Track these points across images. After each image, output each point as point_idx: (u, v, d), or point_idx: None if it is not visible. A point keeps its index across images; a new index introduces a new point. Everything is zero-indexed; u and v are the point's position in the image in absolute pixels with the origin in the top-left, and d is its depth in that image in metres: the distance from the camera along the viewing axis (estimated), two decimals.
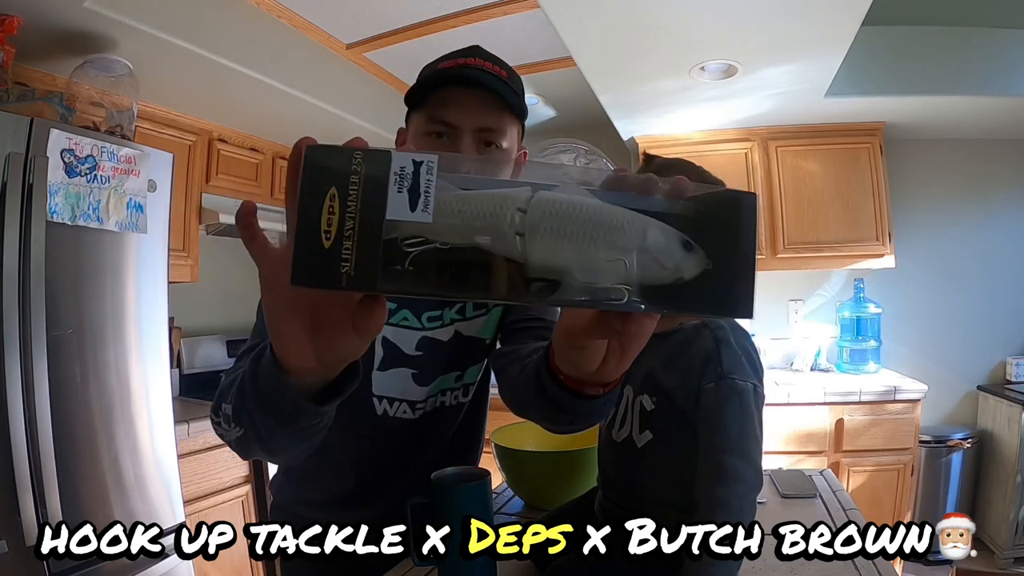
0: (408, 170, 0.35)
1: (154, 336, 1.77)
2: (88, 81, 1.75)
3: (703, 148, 2.87)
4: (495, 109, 0.78)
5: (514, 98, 0.79)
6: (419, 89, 0.79)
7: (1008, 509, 2.50)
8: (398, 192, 0.35)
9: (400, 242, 0.35)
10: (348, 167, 0.34)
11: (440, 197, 0.35)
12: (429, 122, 0.78)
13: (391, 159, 0.35)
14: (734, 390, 0.67)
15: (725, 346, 0.69)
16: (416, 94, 0.79)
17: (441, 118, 0.77)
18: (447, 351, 0.92)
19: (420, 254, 0.35)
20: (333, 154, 0.35)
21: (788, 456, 2.43)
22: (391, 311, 0.86)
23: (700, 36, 1.94)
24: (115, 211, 1.65)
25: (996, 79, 2.42)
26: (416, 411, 0.92)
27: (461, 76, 0.76)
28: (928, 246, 2.95)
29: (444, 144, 0.77)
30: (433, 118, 0.77)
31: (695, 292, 0.37)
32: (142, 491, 1.70)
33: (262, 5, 2.07)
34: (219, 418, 0.63)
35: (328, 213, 0.34)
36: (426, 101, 0.78)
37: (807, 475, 1.13)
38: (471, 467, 0.79)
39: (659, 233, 0.36)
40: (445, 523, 0.67)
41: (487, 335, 0.96)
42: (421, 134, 0.78)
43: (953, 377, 2.92)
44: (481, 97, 0.77)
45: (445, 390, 0.94)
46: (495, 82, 0.77)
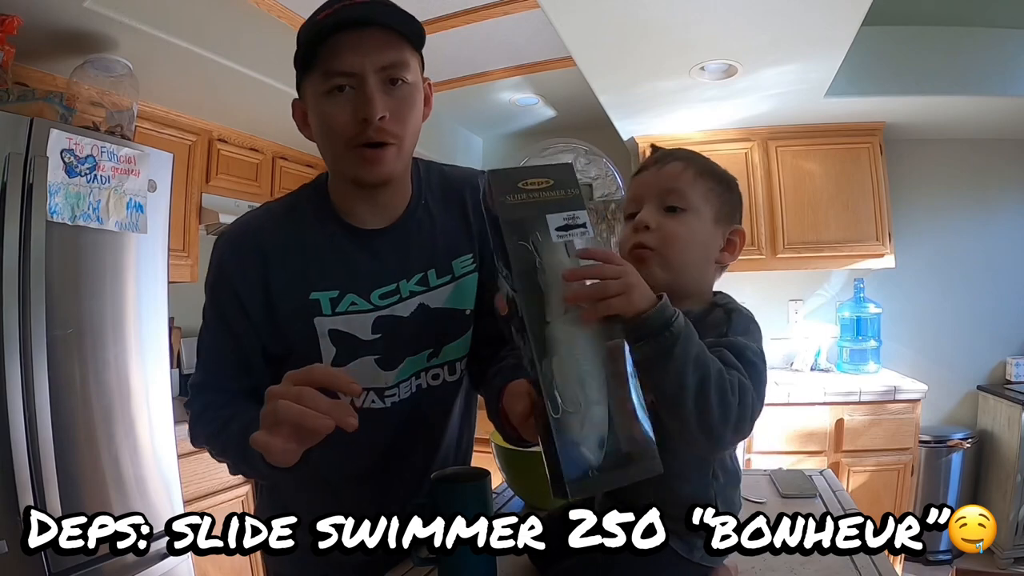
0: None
1: (154, 336, 1.77)
2: (88, 81, 1.75)
3: (703, 148, 2.83)
4: (393, 42, 0.72)
5: (409, 26, 0.73)
6: (308, 47, 0.72)
7: (1008, 509, 2.50)
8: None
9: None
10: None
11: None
12: (326, 78, 0.72)
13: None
14: (736, 344, 0.62)
15: (737, 314, 0.67)
16: (306, 55, 0.72)
17: (338, 69, 0.71)
18: (411, 328, 0.83)
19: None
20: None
21: (788, 456, 2.44)
22: (334, 299, 0.80)
23: (700, 36, 1.94)
24: (115, 211, 1.65)
25: (996, 79, 2.42)
26: (386, 399, 0.84)
27: (348, 19, 0.70)
28: (928, 246, 2.96)
29: (349, 97, 0.72)
30: (330, 72, 0.71)
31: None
32: (142, 491, 1.70)
33: (262, 5, 2.07)
34: (196, 440, 0.82)
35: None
36: (316, 58, 0.72)
37: (807, 475, 1.13)
38: (471, 467, 0.79)
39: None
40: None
41: (466, 305, 0.87)
42: (321, 95, 0.72)
43: (953, 377, 2.92)
44: (374, 35, 0.71)
45: (419, 371, 0.85)
46: (385, 13, 0.71)
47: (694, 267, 0.70)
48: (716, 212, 0.70)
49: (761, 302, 3.01)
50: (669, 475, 0.66)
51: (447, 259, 0.86)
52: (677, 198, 0.69)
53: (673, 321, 0.54)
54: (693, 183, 0.69)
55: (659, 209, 0.69)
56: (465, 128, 3.59)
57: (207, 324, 0.85)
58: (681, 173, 0.69)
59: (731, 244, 0.72)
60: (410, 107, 0.76)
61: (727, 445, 0.62)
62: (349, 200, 0.82)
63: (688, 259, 0.69)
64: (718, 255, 0.72)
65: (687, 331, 0.55)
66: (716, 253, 0.71)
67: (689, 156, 0.73)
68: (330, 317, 0.80)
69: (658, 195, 0.69)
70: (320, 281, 0.80)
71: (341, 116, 0.72)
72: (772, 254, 2.81)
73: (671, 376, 0.54)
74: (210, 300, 0.84)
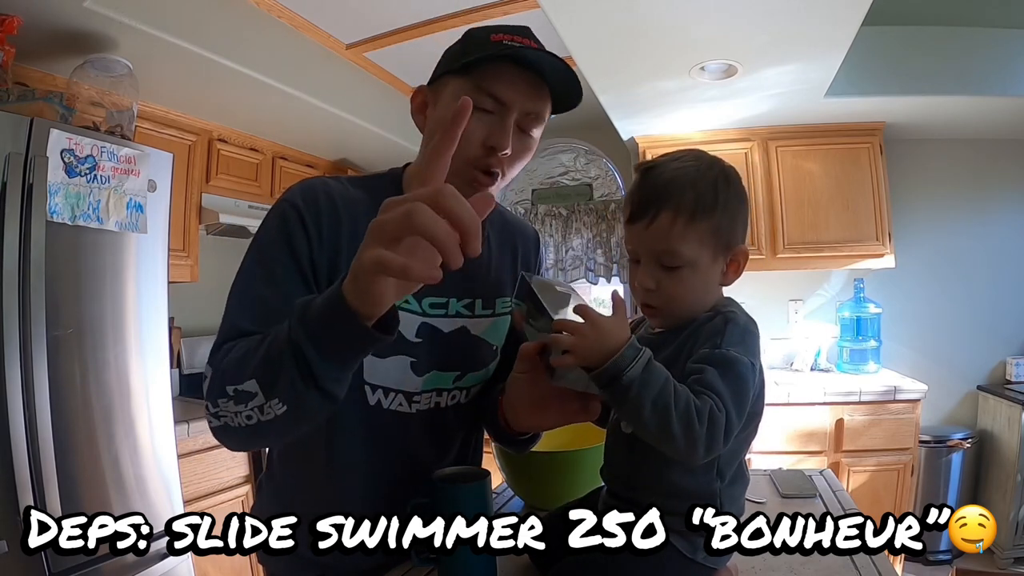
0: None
1: (154, 336, 1.77)
2: (88, 81, 1.75)
3: (703, 148, 2.87)
4: (545, 97, 0.78)
5: (565, 90, 0.78)
6: (478, 58, 0.75)
7: (1008, 509, 2.50)
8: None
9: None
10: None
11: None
12: (477, 93, 0.74)
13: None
14: (726, 357, 0.64)
15: (733, 324, 0.67)
16: (470, 62, 0.75)
17: (495, 93, 0.75)
18: (448, 344, 0.85)
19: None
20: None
21: (788, 456, 2.44)
22: None
23: (700, 36, 1.94)
24: (115, 211, 1.65)
25: (996, 79, 2.42)
26: (412, 404, 0.84)
27: (527, 59, 0.74)
28: (928, 246, 2.96)
29: (488, 119, 0.75)
30: (482, 90, 0.75)
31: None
32: (142, 491, 1.70)
33: (262, 5, 2.07)
34: (227, 400, 0.64)
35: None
36: (479, 71, 0.75)
37: (807, 475, 1.13)
38: (471, 467, 0.79)
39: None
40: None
41: (495, 341, 0.90)
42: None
43: (953, 377, 2.92)
44: (536, 82, 0.76)
45: (441, 389, 0.86)
46: (555, 71, 0.76)
47: (699, 302, 0.71)
48: (713, 251, 0.70)
49: (761, 302, 3.02)
50: (672, 468, 0.67)
51: (493, 294, 0.90)
52: (671, 257, 0.69)
53: (625, 372, 0.60)
54: (684, 235, 0.68)
55: (657, 266, 0.70)
56: None
57: (269, 272, 0.74)
58: (671, 228, 0.68)
59: (734, 264, 0.72)
60: (526, 155, 0.82)
61: (701, 462, 0.63)
62: None
63: (691, 306, 0.71)
64: (721, 278, 0.72)
65: (644, 376, 0.60)
66: (718, 278, 0.72)
67: (677, 196, 0.68)
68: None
69: (653, 253, 0.70)
70: None
71: (476, 133, 0.75)
72: (772, 254, 2.81)
73: (631, 415, 0.62)
74: (282, 251, 0.74)
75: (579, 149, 3.57)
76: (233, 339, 0.70)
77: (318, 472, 0.84)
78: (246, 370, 0.63)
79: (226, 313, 0.74)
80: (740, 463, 0.72)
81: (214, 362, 0.69)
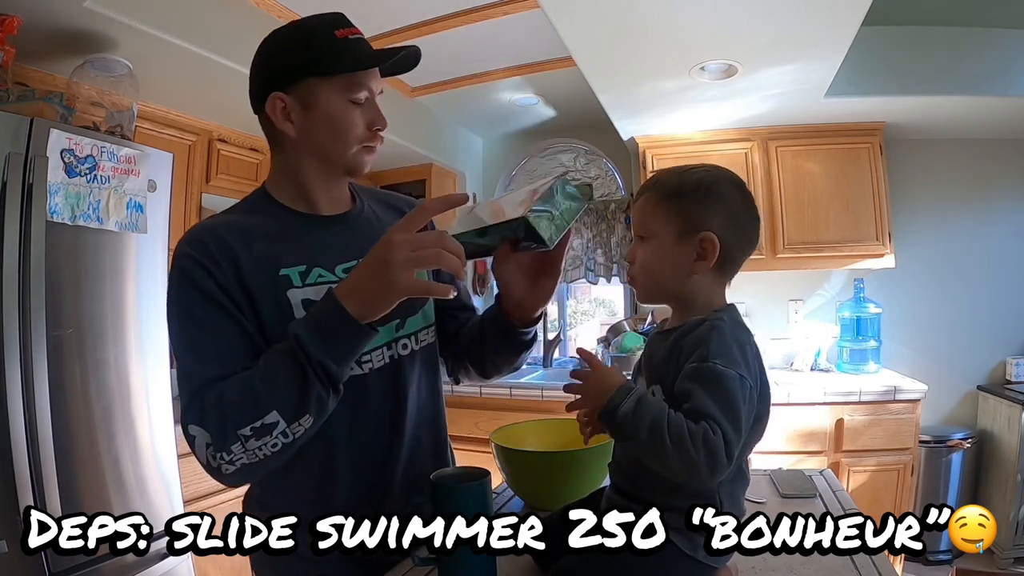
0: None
1: (154, 336, 1.77)
2: (88, 81, 1.74)
3: (703, 148, 2.87)
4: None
5: (394, 67, 0.94)
6: (337, 60, 0.86)
7: (1008, 509, 2.50)
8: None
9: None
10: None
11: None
12: (352, 89, 0.86)
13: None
14: (712, 372, 0.65)
15: (718, 333, 0.68)
16: (332, 65, 0.86)
17: (366, 87, 0.88)
18: None
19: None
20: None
21: (788, 456, 2.43)
22: (302, 272, 0.85)
23: (700, 36, 1.94)
24: (115, 211, 1.65)
25: (996, 79, 2.42)
26: (364, 366, 0.87)
27: (381, 55, 0.89)
28: (928, 246, 2.96)
29: (366, 106, 0.89)
30: (355, 87, 0.86)
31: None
32: (142, 491, 1.70)
33: (262, 5, 2.07)
34: (244, 441, 0.71)
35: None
36: (343, 71, 0.86)
37: (807, 475, 1.13)
38: (471, 467, 0.79)
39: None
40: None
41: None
42: (346, 101, 0.87)
43: (953, 377, 2.92)
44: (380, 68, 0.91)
45: (390, 342, 0.90)
46: (395, 67, 0.93)
47: (671, 282, 0.76)
48: (678, 230, 0.74)
49: (761, 302, 3.02)
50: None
51: None
52: (642, 228, 0.78)
53: (618, 409, 0.66)
54: (655, 211, 0.76)
55: (638, 240, 0.78)
56: (465, 128, 3.59)
57: (195, 320, 0.80)
58: (645, 204, 0.78)
59: (703, 252, 0.73)
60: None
61: (712, 483, 0.67)
62: (315, 189, 0.92)
63: (658, 278, 0.76)
64: (691, 265, 0.74)
65: (636, 411, 0.66)
66: (689, 264, 0.74)
67: (661, 182, 0.77)
68: (301, 288, 0.84)
69: (635, 228, 0.80)
70: (287, 258, 0.85)
71: (361, 121, 0.88)
72: (772, 254, 2.81)
73: (630, 445, 0.68)
74: (193, 295, 0.80)
75: (579, 149, 3.57)
76: (202, 389, 0.75)
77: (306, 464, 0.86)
78: (260, 406, 0.71)
79: (181, 372, 0.79)
80: (740, 463, 0.72)
81: (200, 419, 0.74)
